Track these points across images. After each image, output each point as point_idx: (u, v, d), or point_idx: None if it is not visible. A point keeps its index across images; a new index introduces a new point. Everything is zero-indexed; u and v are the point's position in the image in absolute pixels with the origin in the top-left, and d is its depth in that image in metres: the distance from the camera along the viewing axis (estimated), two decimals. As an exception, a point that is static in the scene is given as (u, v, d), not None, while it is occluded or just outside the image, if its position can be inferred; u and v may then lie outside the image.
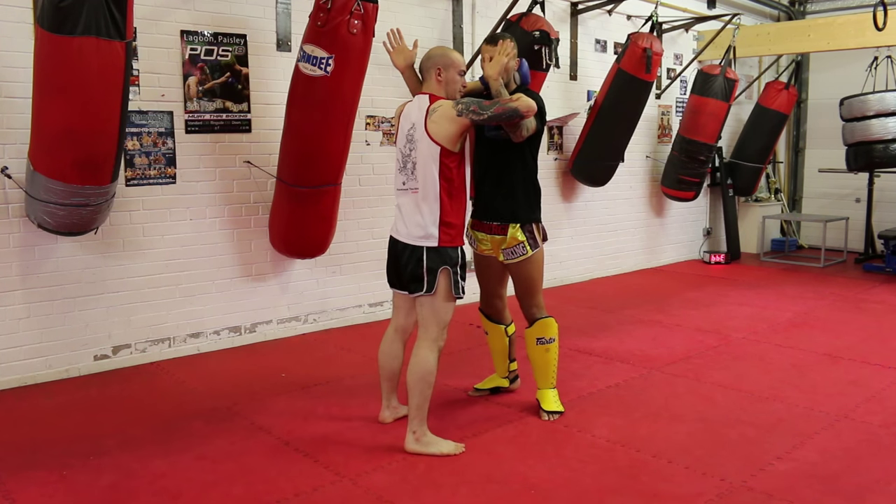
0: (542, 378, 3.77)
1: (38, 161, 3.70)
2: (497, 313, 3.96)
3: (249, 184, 5.02)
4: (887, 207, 8.99)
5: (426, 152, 3.24)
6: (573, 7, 7.09)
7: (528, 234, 3.62)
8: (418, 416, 3.30)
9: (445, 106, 3.23)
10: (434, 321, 3.32)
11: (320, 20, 4.17)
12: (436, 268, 3.26)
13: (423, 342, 3.32)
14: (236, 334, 5.06)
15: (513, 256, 3.64)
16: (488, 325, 3.99)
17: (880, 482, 3.04)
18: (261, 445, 3.41)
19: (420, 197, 3.26)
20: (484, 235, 3.71)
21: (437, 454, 3.28)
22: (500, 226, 3.63)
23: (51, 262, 4.27)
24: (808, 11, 9.69)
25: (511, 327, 4.00)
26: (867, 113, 7.53)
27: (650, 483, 3.03)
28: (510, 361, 4.06)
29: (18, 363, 4.21)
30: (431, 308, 3.31)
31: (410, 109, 3.37)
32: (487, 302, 3.94)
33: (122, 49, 3.53)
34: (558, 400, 3.79)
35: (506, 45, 3.42)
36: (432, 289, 3.28)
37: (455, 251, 3.32)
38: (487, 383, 4.09)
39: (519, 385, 4.13)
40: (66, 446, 3.39)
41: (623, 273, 7.90)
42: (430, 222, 3.25)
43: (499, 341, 4.00)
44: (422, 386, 3.28)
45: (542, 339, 3.71)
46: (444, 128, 3.20)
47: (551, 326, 3.72)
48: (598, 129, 6.87)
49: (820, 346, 5.04)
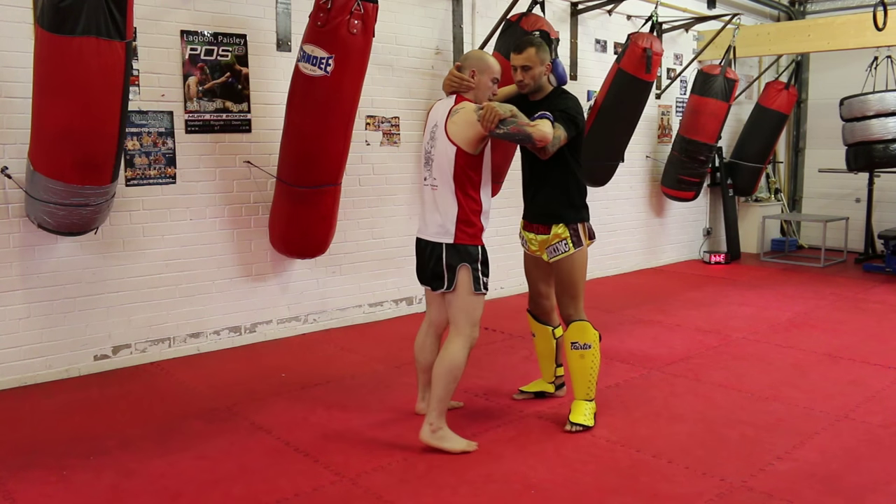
0: (577, 386, 3.61)
1: (38, 161, 3.70)
2: (544, 314, 3.89)
3: (249, 184, 5.02)
4: (887, 207, 8.99)
5: (443, 151, 3.28)
6: (573, 7, 7.09)
7: (571, 231, 3.59)
8: (438, 407, 3.31)
9: (468, 109, 3.26)
10: (463, 317, 3.34)
11: (320, 20, 4.17)
12: (455, 264, 3.29)
13: (454, 337, 3.35)
14: (236, 334, 5.06)
15: (555, 254, 3.60)
16: (535, 327, 3.93)
17: (880, 482, 3.04)
18: (261, 445, 3.41)
19: (438, 194, 3.30)
20: (532, 235, 3.70)
21: (449, 450, 3.28)
22: (545, 226, 3.62)
23: (51, 262, 4.27)
24: (808, 11, 9.69)
25: (559, 330, 3.90)
26: (867, 113, 7.53)
27: (650, 483, 3.03)
28: (556, 366, 3.96)
29: (18, 363, 4.20)
30: (457, 305, 3.34)
31: (437, 108, 3.41)
32: (535, 302, 3.89)
33: (122, 49, 3.53)
34: (591, 414, 3.60)
35: (492, 112, 3.14)
36: (451, 286, 3.30)
37: (475, 248, 3.33)
38: (533, 386, 4.01)
39: (564, 392, 3.98)
40: (66, 446, 3.39)
41: (623, 273, 7.90)
42: (448, 220, 3.28)
43: (545, 343, 3.93)
44: (447, 379, 3.29)
45: (576, 344, 3.59)
46: (462, 130, 3.23)
47: (588, 331, 3.58)
48: (598, 129, 6.86)
49: (820, 346, 5.04)
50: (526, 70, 3.48)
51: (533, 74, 3.48)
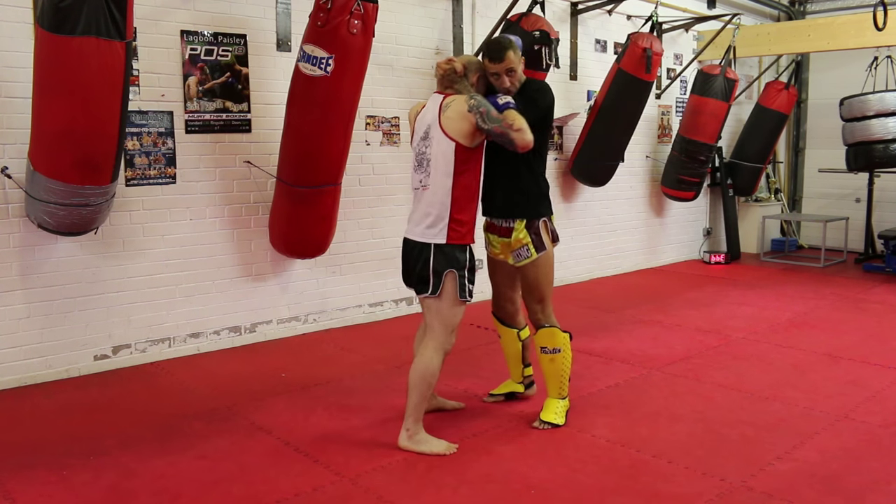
0: (550, 386, 3.67)
1: (38, 161, 3.70)
2: (509, 317, 3.88)
3: (249, 184, 5.02)
4: (887, 207, 8.99)
5: (441, 149, 3.25)
6: (573, 7, 7.09)
7: (533, 235, 3.52)
8: (414, 414, 3.32)
9: (458, 101, 3.24)
10: (440, 324, 3.32)
11: (320, 20, 4.17)
12: (441, 270, 3.26)
13: (429, 342, 3.33)
14: (236, 334, 5.06)
15: (519, 259, 3.56)
16: (501, 329, 3.92)
17: (880, 482, 3.04)
18: (261, 445, 3.41)
19: (431, 193, 3.27)
20: (495, 238, 3.66)
21: (428, 453, 3.28)
22: (507, 228, 3.57)
23: (51, 262, 4.27)
24: (808, 11, 9.69)
25: (524, 331, 3.91)
26: (867, 113, 7.53)
27: (650, 483, 3.03)
28: (525, 366, 3.97)
29: (18, 363, 4.20)
30: (437, 310, 3.32)
31: (426, 110, 3.39)
32: (499, 305, 3.88)
33: (122, 49, 3.53)
34: (562, 413, 3.64)
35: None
36: (437, 291, 3.28)
37: (463, 253, 3.31)
38: (502, 388, 4.01)
39: (535, 391, 4.01)
40: (66, 446, 3.39)
41: (623, 273, 7.90)
42: (440, 218, 3.26)
43: (511, 346, 3.93)
44: (422, 386, 3.29)
45: (545, 349, 3.61)
46: (458, 124, 3.22)
47: (556, 336, 3.59)
48: (598, 129, 6.87)
49: (820, 346, 5.04)
50: (511, 73, 3.39)
51: (517, 76, 3.43)
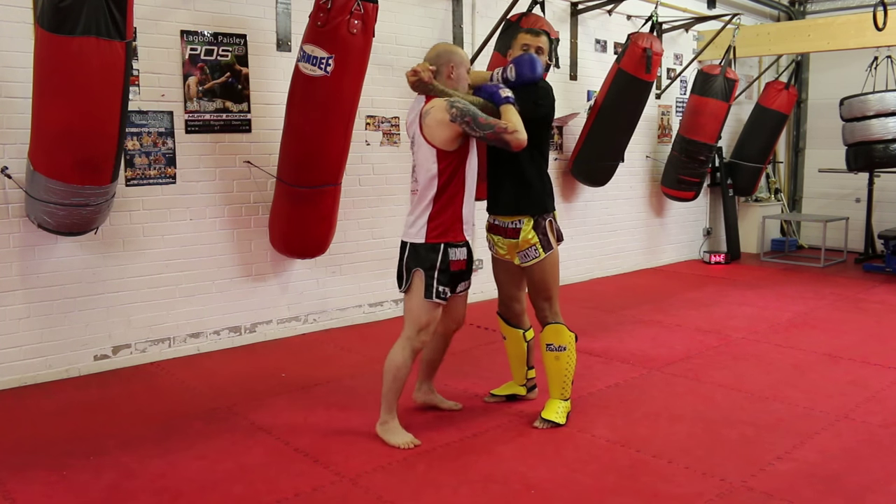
0: (553, 386, 3.66)
1: (38, 161, 3.70)
2: (515, 317, 3.88)
3: (249, 184, 5.02)
4: (887, 207, 8.99)
5: (423, 153, 3.30)
6: (573, 7, 7.09)
7: (540, 235, 3.56)
8: (384, 403, 3.42)
9: (438, 108, 3.24)
10: (408, 320, 3.40)
11: (320, 20, 4.17)
12: (410, 268, 3.34)
13: (400, 338, 3.41)
14: (236, 334, 5.06)
15: (526, 259, 3.58)
16: (506, 330, 3.92)
17: (880, 482, 3.04)
18: (261, 445, 3.41)
19: (418, 196, 3.34)
20: (500, 239, 3.67)
21: (388, 443, 3.36)
22: (514, 229, 3.59)
23: (51, 262, 4.27)
24: (808, 11, 9.69)
25: (530, 332, 3.90)
26: (867, 113, 7.53)
27: (650, 483, 3.03)
28: (528, 368, 3.95)
29: (18, 363, 4.20)
30: (407, 307, 3.41)
31: (409, 115, 3.43)
32: (505, 306, 3.88)
33: (122, 49, 3.53)
34: (563, 413, 3.63)
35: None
36: (405, 287, 3.38)
37: (436, 253, 3.32)
38: (504, 390, 4.00)
39: (536, 395, 3.99)
40: (66, 446, 3.39)
41: (623, 273, 7.90)
42: (420, 218, 3.32)
43: (516, 346, 3.92)
44: (387, 378, 3.38)
45: (551, 346, 3.61)
46: (437, 131, 3.24)
47: (563, 334, 3.61)
48: (598, 129, 6.87)
49: (820, 346, 5.04)
50: (539, 52, 3.60)
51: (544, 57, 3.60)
